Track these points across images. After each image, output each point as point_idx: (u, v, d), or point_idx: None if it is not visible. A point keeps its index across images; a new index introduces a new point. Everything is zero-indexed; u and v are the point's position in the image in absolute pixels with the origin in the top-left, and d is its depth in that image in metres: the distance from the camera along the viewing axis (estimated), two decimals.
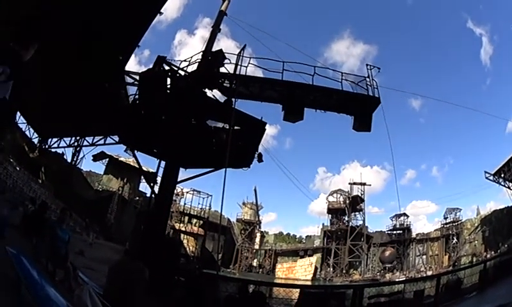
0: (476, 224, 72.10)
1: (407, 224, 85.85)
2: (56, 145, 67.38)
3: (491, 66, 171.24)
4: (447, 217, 79.17)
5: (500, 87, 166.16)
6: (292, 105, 19.49)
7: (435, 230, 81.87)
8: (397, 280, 49.28)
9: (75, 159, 66.96)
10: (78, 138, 65.21)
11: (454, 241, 74.82)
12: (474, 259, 63.64)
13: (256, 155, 18.60)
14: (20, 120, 60.57)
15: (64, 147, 67.41)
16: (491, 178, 59.51)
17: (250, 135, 17.87)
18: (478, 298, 15.27)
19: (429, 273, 63.97)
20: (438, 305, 14.70)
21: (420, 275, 59.63)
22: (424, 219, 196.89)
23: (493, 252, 56.72)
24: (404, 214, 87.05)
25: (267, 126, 18.59)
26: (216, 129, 17.65)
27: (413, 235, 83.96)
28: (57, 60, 31.60)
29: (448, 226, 78.18)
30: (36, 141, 65.52)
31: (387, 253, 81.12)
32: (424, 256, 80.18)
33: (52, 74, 42.17)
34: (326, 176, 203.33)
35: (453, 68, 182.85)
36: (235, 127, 15.93)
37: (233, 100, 16.82)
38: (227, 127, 16.57)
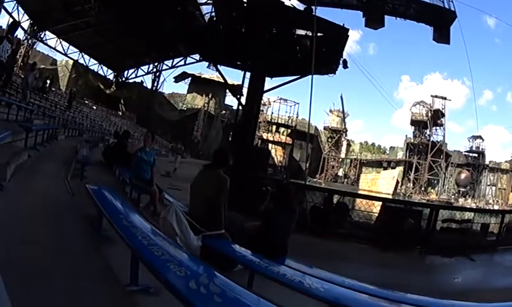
0: None
1: (482, 149, 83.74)
2: (133, 75, 68.72)
3: None
4: None
5: None
6: (372, 12, 19.12)
7: (505, 162, 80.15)
8: (467, 207, 48.51)
9: (155, 84, 67.86)
10: (156, 64, 65.89)
11: None
12: None
13: (341, 61, 18.06)
14: (91, 62, 62.17)
15: (142, 75, 68.70)
16: None
17: (333, 42, 17.36)
18: None
19: (496, 207, 63.58)
20: (497, 247, 14.30)
21: (488, 208, 58.59)
22: (498, 146, 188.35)
23: None
24: (480, 137, 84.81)
25: (349, 32, 17.92)
26: (299, 37, 17.22)
27: (487, 161, 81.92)
28: None
29: None
30: (111, 76, 66.93)
31: (463, 176, 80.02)
32: (494, 188, 78.83)
33: (123, 7, 43.04)
34: (409, 85, 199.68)
35: None
36: (318, 34, 15.59)
37: (313, 7, 16.33)
38: (310, 34, 16.19)
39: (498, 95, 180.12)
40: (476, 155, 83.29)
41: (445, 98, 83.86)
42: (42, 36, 52.31)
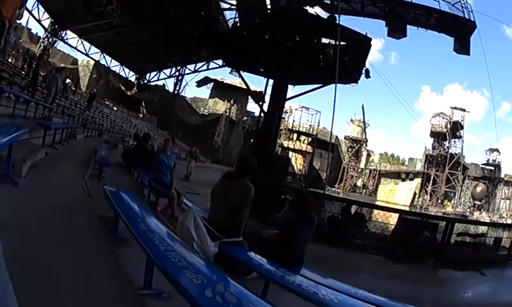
0: None
1: (498, 162, 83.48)
2: (155, 78, 69.32)
3: None
4: None
5: None
6: (394, 22, 19.21)
7: None
8: (482, 221, 48.27)
9: (177, 88, 68.30)
10: (179, 68, 66.37)
11: None
12: None
13: (363, 71, 18.06)
14: (113, 63, 62.76)
15: (164, 79, 69.38)
16: None
17: (356, 51, 17.31)
18: None
19: (509, 221, 63.03)
20: (509, 261, 14.22)
21: (501, 222, 58.31)
22: None
23: None
24: (497, 150, 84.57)
25: (372, 38, 17.89)
26: (322, 45, 17.17)
27: (502, 174, 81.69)
28: None
29: None
30: (133, 78, 67.58)
31: (478, 189, 79.86)
32: (508, 201, 78.52)
33: (146, 10, 43.40)
34: (430, 96, 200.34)
35: None
36: (341, 43, 15.57)
37: (336, 16, 16.31)
38: (333, 43, 16.15)
39: None
40: (492, 168, 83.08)
41: (464, 110, 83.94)
42: (63, 35, 52.84)
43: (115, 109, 53.07)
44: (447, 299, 9.24)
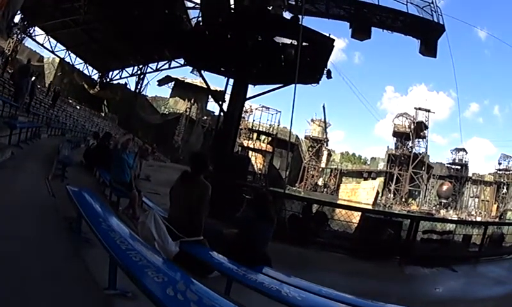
0: None
1: (465, 161, 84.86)
2: (117, 77, 68.76)
3: None
4: (501, 163, 77.59)
5: None
6: (359, 24, 19.40)
7: (489, 174, 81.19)
8: (449, 218, 49.07)
9: (139, 87, 67.92)
10: (141, 66, 65.97)
11: (503, 191, 74.16)
12: None
13: (325, 71, 18.29)
14: (77, 61, 62.06)
15: (126, 77, 68.78)
16: None
17: (318, 52, 17.51)
18: None
19: (478, 218, 64.81)
20: (480, 258, 14.43)
21: (470, 219, 60.29)
22: (482, 158, 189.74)
23: None
24: (464, 150, 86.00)
25: (335, 39, 18.03)
26: (283, 45, 17.31)
27: (470, 173, 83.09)
28: None
29: (501, 172, 77.55)
30: (96, 77, 66.91)
31: (444, 188, 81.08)
32: (476, 200, 80.00)
33: (111, 7, 43.03)
34: (393, 96, 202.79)
35: None
36: (303, 43, 15.68)
37: (300, 17, 16.43)
38: (295, 43, 16.22)
39: (485, 108, 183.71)
40: (459, 167, 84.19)
41: (428, 111, 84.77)
42: (31, 31, 52.02)
43: (78, 107, 52.36)
44: (417, 295, 9.25)
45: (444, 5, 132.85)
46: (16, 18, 47.33)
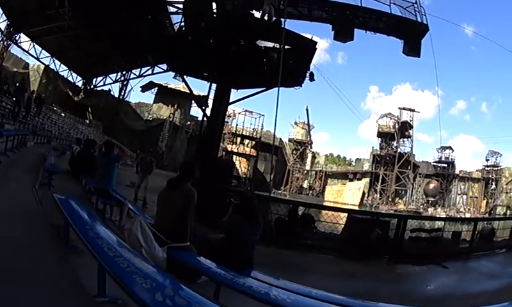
0: None
1: (452, 159, 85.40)
2: (101, 83, 68.53)
3: None
4: (489, 160, 78.10)
5: None
6: (342, 26, 19.42)
7: (477, 171, 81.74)
8: (438, 216, 49.19)
9: (122, 93, 67.76)
10: (124, 72, 65.79)
11: (492, 187, 74.78)
12: (508, 212, 63.01)
13: (307, 74, 18.24)
14: (61, 68, 61.77)
15: (110, 83, 68.59)
16: None
17: (301, 55, 17.52)
18: (506, 256, 14.91)
19: (468, 215, 65.06)
20: (471, 253, 14.62)
21: (459, 216, 60.56)
22: (470, 156, 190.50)
23: None
24: (450, 148, 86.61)
25: (318, 40, 18.16)
26: (266, 49, 17.30)
27: (457, 171, 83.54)
28: None
29: (488, 169, 78.08)
30: (80, 83, 66.65)
31: (431, 186, 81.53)
32: (465, 196, 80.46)
33: (95, 13, 42.85)
34: (377, 96, 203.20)
35: None
36: (286, 46, 15.72)
37: (282, 20, 16.48)
38: (277, 47, 16.31)
39: (471, 105, 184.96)
40: (445, 165, 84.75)
41: (413, 110, 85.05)
42: (17, 38, 51.69)
43: (63, 115, 52.11)
44: (408, 293, 9.29)
45: (430, 2, 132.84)
46: (2, 25, 47.11)
